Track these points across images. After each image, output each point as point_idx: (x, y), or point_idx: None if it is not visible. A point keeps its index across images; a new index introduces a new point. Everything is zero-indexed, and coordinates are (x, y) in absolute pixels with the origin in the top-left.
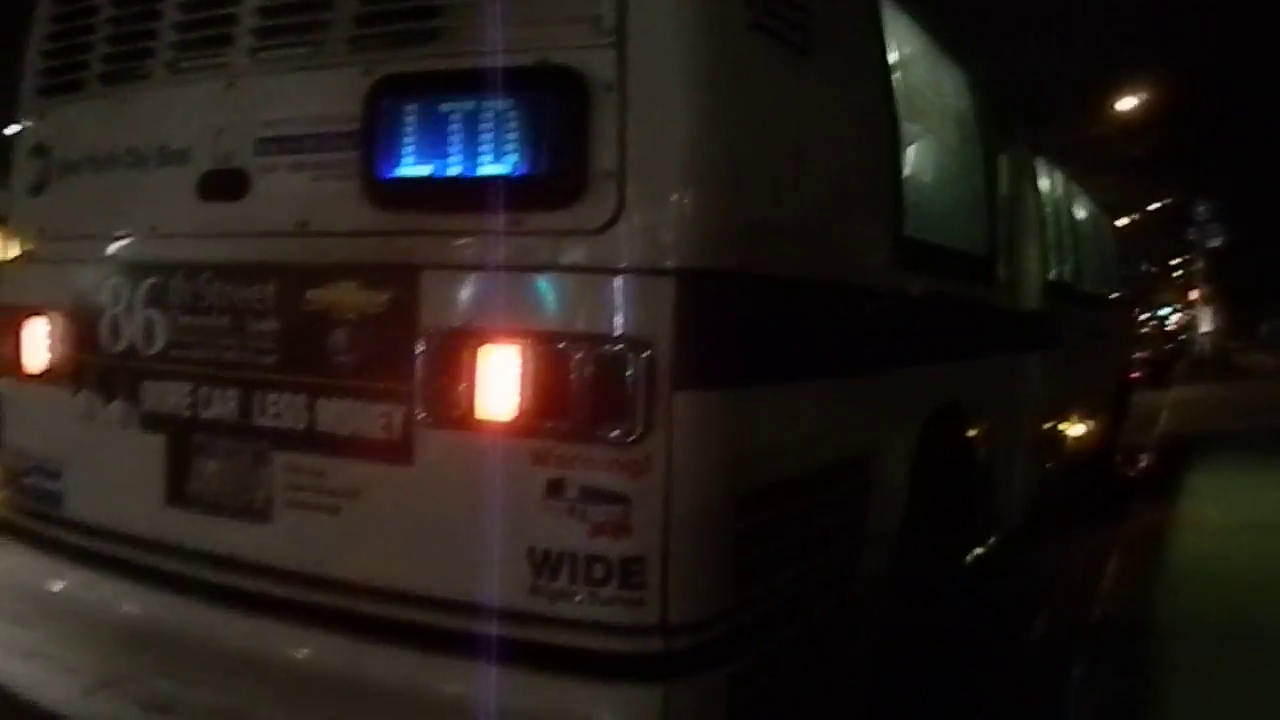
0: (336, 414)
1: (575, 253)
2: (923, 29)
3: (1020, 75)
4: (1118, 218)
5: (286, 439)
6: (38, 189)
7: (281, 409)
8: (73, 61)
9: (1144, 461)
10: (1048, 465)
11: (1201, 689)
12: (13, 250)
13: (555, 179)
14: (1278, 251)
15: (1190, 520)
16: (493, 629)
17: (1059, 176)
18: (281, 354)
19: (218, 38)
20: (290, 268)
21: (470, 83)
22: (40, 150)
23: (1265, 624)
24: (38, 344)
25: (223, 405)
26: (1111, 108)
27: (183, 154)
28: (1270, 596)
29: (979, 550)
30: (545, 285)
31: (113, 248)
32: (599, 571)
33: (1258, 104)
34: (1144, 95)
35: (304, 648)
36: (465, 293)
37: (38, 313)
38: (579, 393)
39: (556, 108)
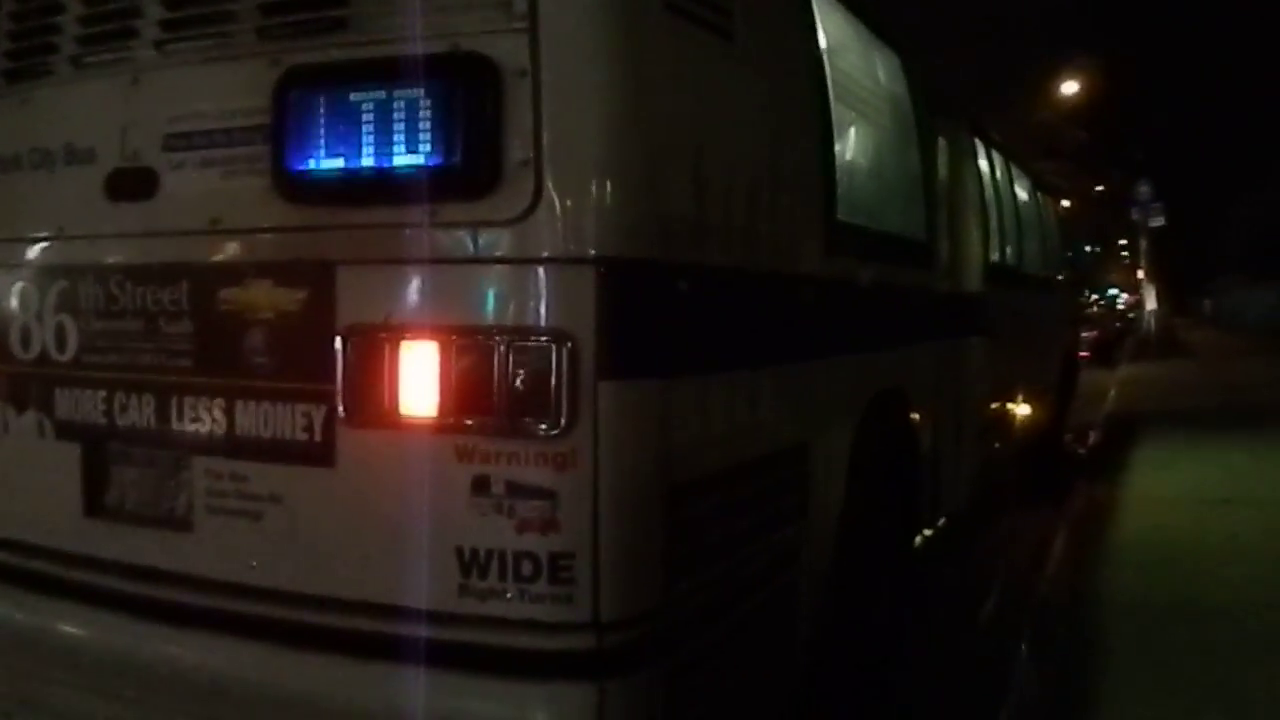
0: (256, 416)
1: (493, 244)
2: (853, 12)
3: (963, 61)
4: (1063, 199)
5: (206, 444)
6: None
7: (200, 413)
8: None
9: (1092, 440)
10: (995, 446)
11: (1146, 664)
12: None
13: (470, 169)
14: (1216, 231)
15: (1136, 496)
16: (422, 631)
17: (1000, 159)
18: (197, 356)
19: (121, 31)
20: (203, 267)
21: (380, 72)
22: None
23: (1207, 598)
24: None
25: (139, 411)
26: (1056, 92)
27: (89, 152)
28: (1212, 570)
29: (926, 533)
30: (463, 278)
31: (20, 251)
32: (528, 568)
33: (1195, 88)
34: (1087, 80)
35: (230, 659)
36: (382, 288)
37: None
38: (501, 386)
39: (469, 96)
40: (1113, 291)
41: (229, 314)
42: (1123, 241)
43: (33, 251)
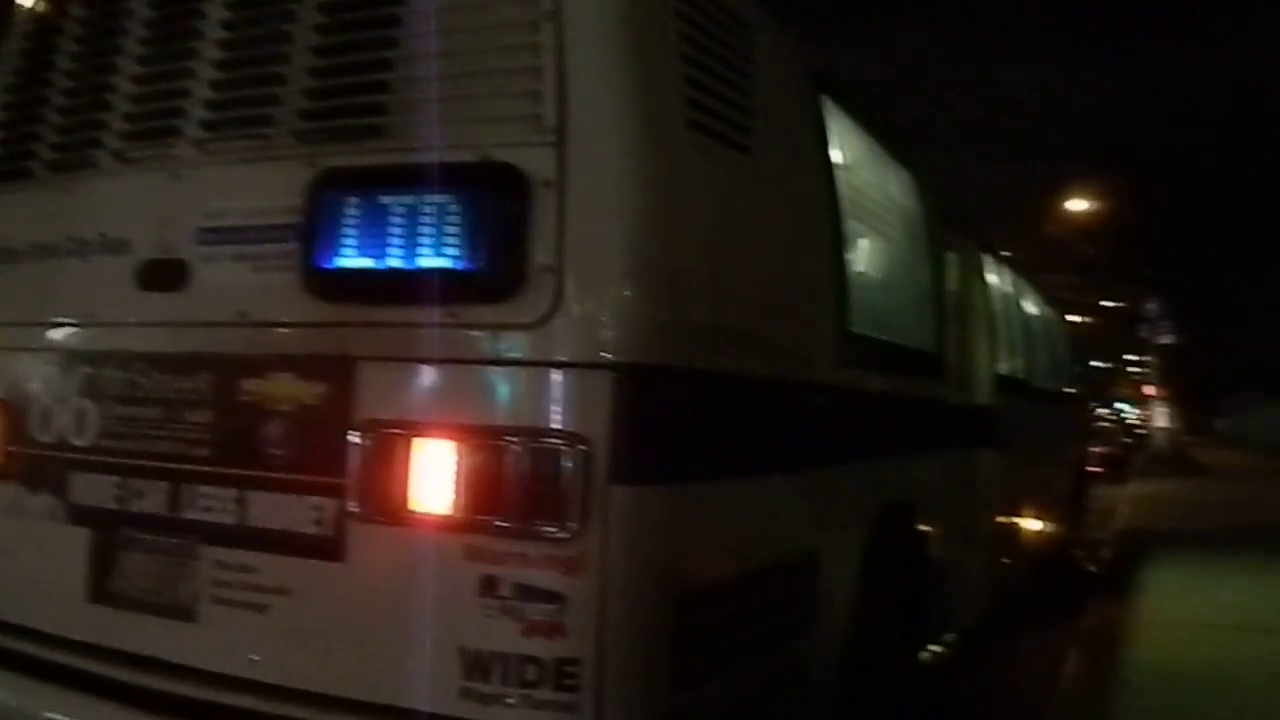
0: (268, 508)
1: (512, 346)
2: (868, 130)
3: (976, 179)
4: (1075, 315)
5: (216, 533)
6: None
7: (212, 502)
8: (20, 149)
9: (1103, 556)
10: (1004, 561)
11: None
12: None
13: (494, 273)
14: (1229, 352)
15: (1149, 619)
16: None
17: (1009, 274)
18: (214, 446)
19: (165, 129)
20: (227, 358)
21: (412, 178)
22: None
23: None
24: None
25: (152, 498)
26: (1067, 210)
27: (124, 243)
28: (1228, 698)
29: (934, 648)
30: (481, 379)
31: (48, 335)
32: (532, 673)
33: (1208, 213)
34: (1097, 197)
35: None
36: (401, 385)
37: None
38: (515, 488)
39: (496, 203)
40: (1121, 407)
41: (248, 405)
42: (1133, 357)
43: (60, 336)
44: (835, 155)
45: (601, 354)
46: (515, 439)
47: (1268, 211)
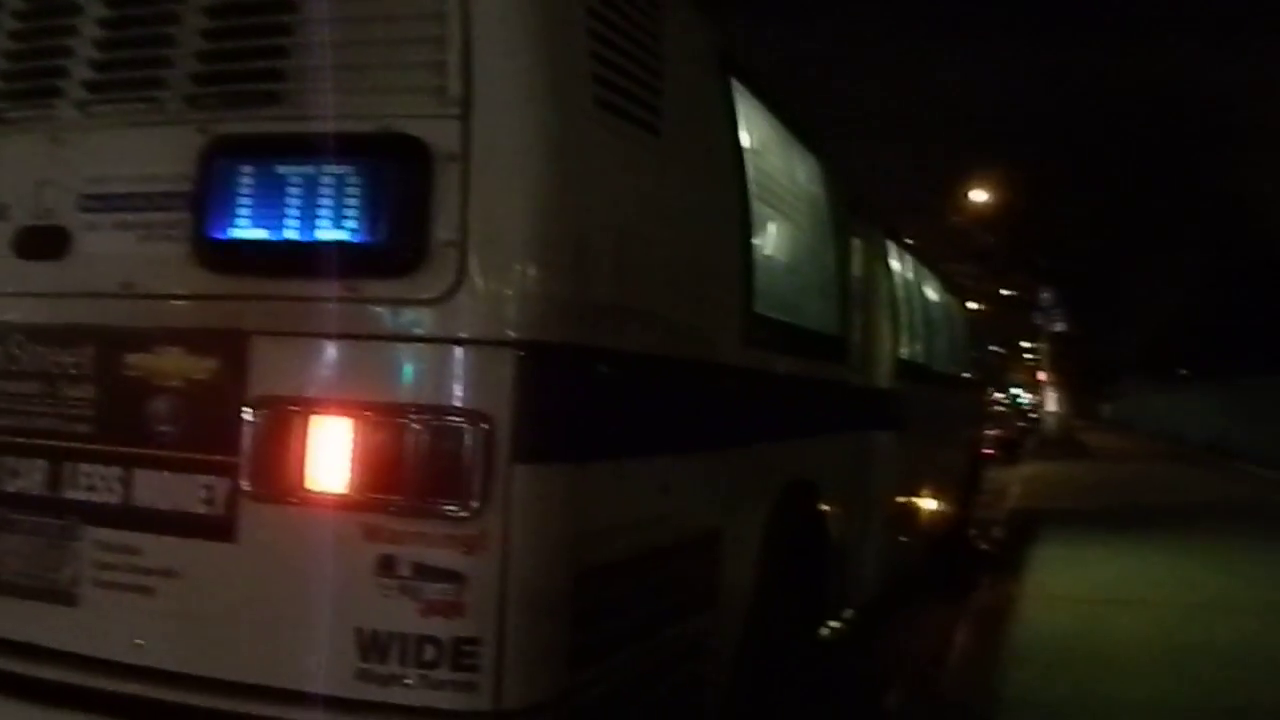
0: (155, 487)
1: (413, 322)
2: (776, 114)
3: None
4: (971, 301)
5: (98, 514)
6: None
7: (94, 481)
8: None
9: (996, 535)
10: (902, 539)
11: None
12: None
13: (395, 247)
14: (1115, 340)
15: (1035, 594)
16: (317, 717)
17: (912, 261)
18: (97, 422)
19: (45, 89)
20: (111, 331)
21: (309, 147)
22: None
23: (1103, 696)
24: None
25: (29, 477)
26: (967, 199)
27: (1, 208)
28: (1107, 668)
29: (833, 624)
30: (381, 355)
31: None
32: (430, 653)
33: (1098, 206)
34: (997, 189)
35: None
36: (297, 360)
37: None
38: (414, 466)
39: (398, 176)
40: (1016, 392)
41: (134, 380)
42: (1026, 344)
43: None
44: (743, 138)
45: (505, 331)
46: (415, 417)
47: (1153, 206)
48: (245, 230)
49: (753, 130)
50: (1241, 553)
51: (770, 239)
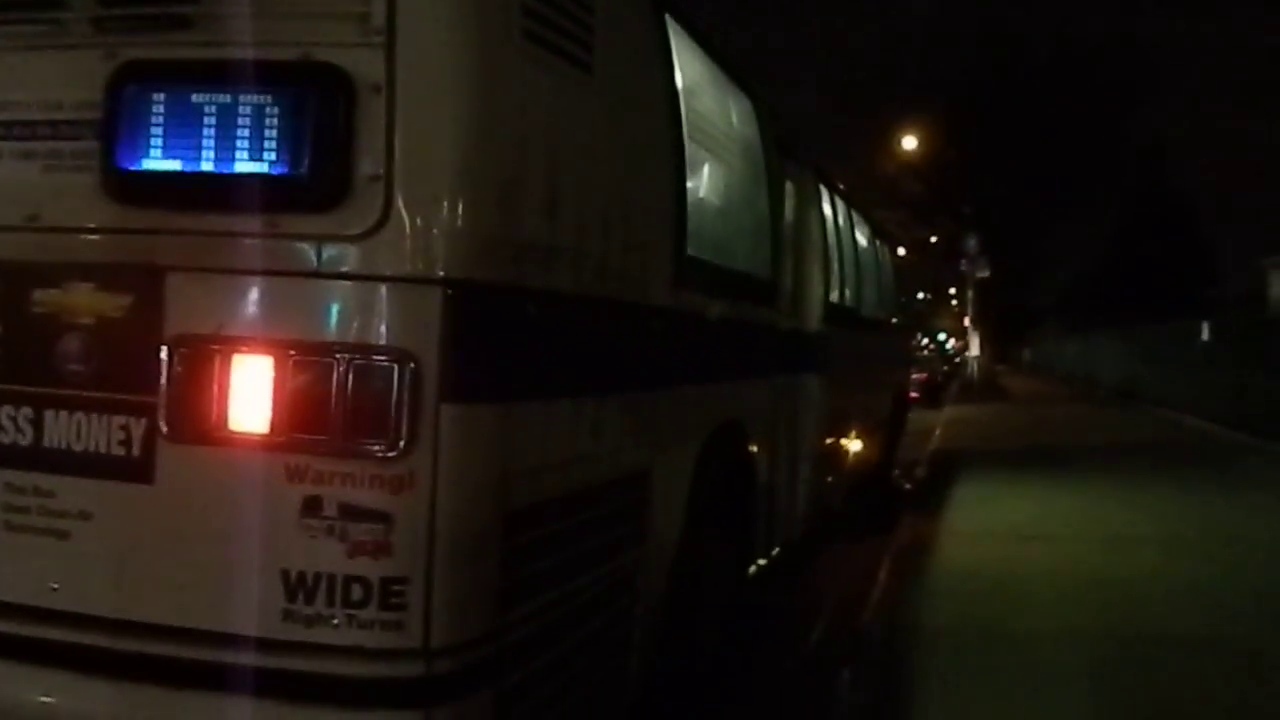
0: (67, 428)
1: (337, 259)
2: (709, 55)
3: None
4: (900, 248)
5: (8, 455)
6: None
7: (3, 421)
8: None
9: (918, 475)
10: (828, 479)
11: (959, 690)
12: None
13: (317, 181)
14: (1035, 287)
15: (954, 530)
16: (243, 659)
17: (842, 206)
18: (4, 361)
19: None
20: (16, 265)
21: (227, 75)
22: None
23: (1017, 626)
24: None
25: None
26: (897, 146)
27: None
28: (1020, 601)
29: (760, 562)
30: (304, 292)
31: None
32: (358, 593)
33: (1021, 155)
34: (925, 136)
35: (28, 689)
36: (215, 298)
37: None
38: (339, 405)
39: (320, 107)
40: (941, 337)
41: (43, 317)
42: (952, 290)
43: None
44: (676, 77)
45: (432, 269)
46: (340, 356)
47: (1074, 155)
48: (158, 161)
49: (686, 69)
50: (1145, 489)
51: (702, 181)
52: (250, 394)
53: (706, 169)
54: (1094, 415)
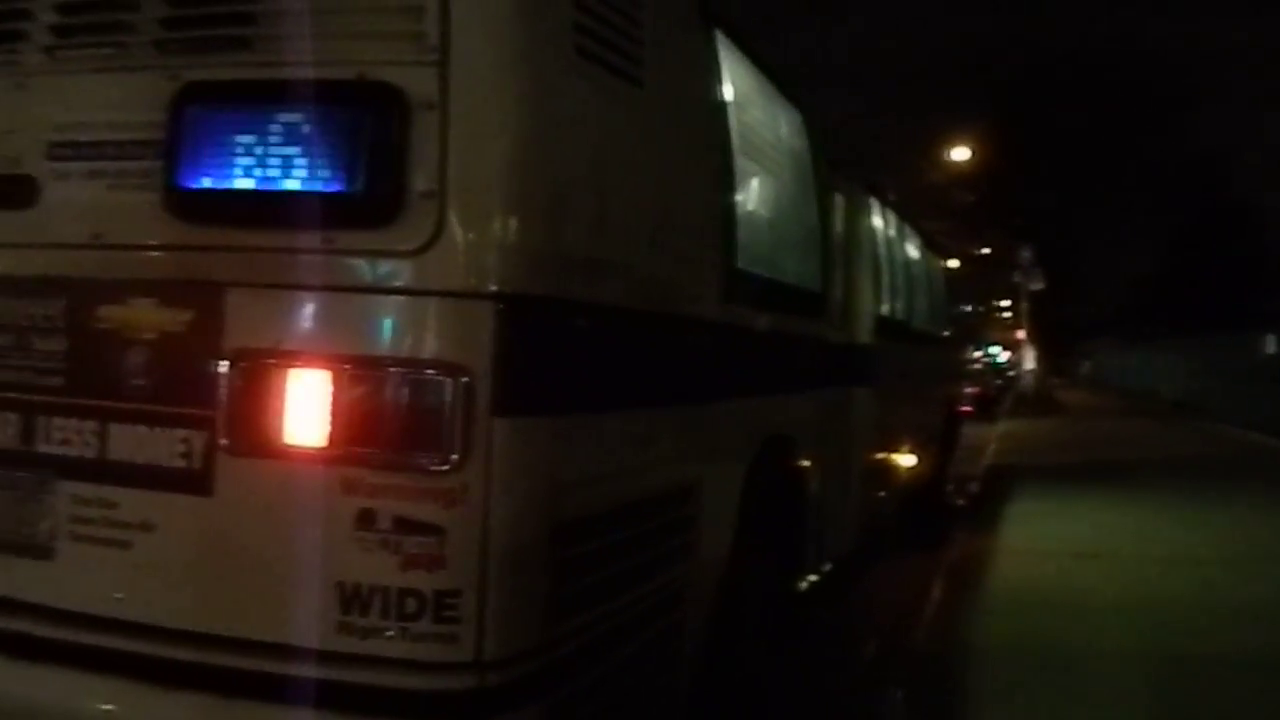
0: (130, 440)
1: (391, 274)
2: (759, 68)
3: (863, 123)
4: (951, 259)
5: (74, 467)
6: None
7: (69, 435)
8: None
9: (971, 491)
10: (879, 494)
11: (1013, 711)
12: None
13: (372, 197)
14: (1090, 299)
15: (1009, 548)
16: (299, 670)
17: (893, 217)
18: (70, 375)
19: (9, 33)
20: (82, 282)
21: (285, 94)
22: None
23: (1072, 646)
24: None
25: (1, 431)
26: (947, 157)
27: None
28: (1076, 619)
29: (811, 577)
30: (359, 307)
31: None
32: (411, 606)
33: (1074, 166)
34: (977, 147)
35: (92, 698)
36: (273, 313)
37: None
38: (392, 419)
39: (375, 124)
40: (994, 350)
41: (107, 333)
42: (1005, 302)
43: None
44: (726, 91)
45: (484, 284)
46: (394, 370)
47: (1126, 166)
48: (218, 179)
49: (735, 82)
50: (1204, 507)
51: (752, 194)
52: (306, 407)
53: (756, 182)
54: (1153, 430)
